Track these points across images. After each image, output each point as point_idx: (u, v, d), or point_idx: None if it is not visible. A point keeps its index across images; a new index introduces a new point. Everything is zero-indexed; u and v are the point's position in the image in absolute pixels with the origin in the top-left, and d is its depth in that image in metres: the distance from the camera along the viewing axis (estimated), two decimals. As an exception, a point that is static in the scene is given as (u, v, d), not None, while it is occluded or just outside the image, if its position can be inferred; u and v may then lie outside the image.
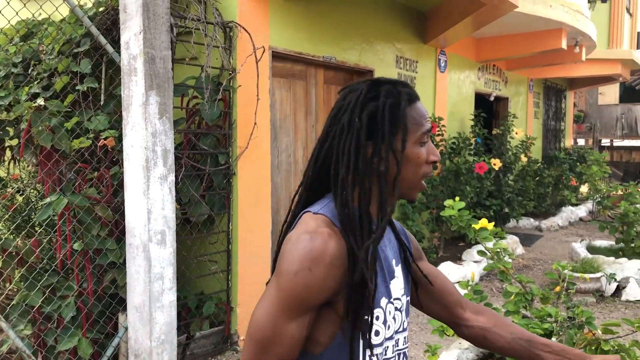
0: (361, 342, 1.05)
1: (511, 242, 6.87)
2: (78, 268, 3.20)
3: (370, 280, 1.02)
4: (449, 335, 2.73)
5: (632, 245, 5.88)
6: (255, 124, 3.89)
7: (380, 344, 1.10)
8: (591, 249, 6.29)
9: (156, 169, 2.90)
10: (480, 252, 2.79)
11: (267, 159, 4.13)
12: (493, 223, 2.82)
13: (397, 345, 1.17)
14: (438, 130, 6.38)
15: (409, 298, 1.23)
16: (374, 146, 1.07)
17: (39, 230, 3.29)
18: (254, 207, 4.01)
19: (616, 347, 2.42)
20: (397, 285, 1.16)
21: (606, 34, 10.66)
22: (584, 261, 5.34)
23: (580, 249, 6.13)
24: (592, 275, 5.02)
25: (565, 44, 7.32)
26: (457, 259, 6.13)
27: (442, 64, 6.89)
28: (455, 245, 6.98)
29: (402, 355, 1.19)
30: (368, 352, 1.06)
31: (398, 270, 1.18)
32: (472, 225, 2.73)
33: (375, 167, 1.07)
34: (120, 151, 3.10)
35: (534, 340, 1.29)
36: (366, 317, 1.03)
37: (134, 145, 2.89)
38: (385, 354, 1.13)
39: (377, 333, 1.08)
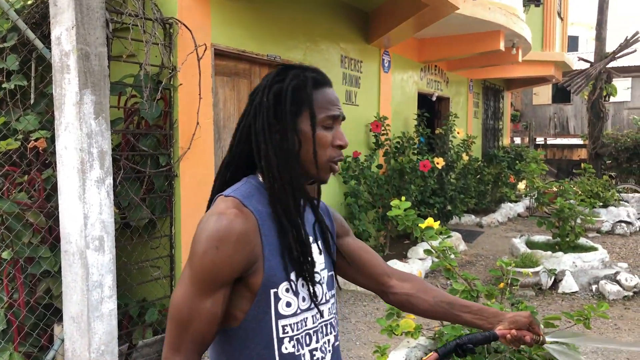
0: (273, 314, 1.12)
1: (454, 239, 7.03)
2: (7, 278, 3.00)
3: (296, 248, 1.12)
4: (397, 335, 2.73)
5: (567, 239, 6.14)
6: (197, 123, 3.78)
7: (294, 314, 1.15)
8: (530, 244, 6.53)
9: (92, 171, 2.75)
10: (427, 251, 2.81)
11: (210, 159, 4.02)
12: (438, 222, 2.85)
13: (322, 317, 1.24)
14: (383, 130, 6.44)
15: (331, 272, 1.30)
16: (279, 125, 1.15)
17: (-37, 239, 3.06)
18: (198, 210, 3.90)
19: (557, 340, 2.49)
20: (314, 259, 1.22)
21: (540, 37, 11.12)
22: (523, 256, 5.53)
23: (519, 244, 6.34)
24: (532, 270, 5.20)
25: (503, 46, 7.57)
26: (403, 256, 6.20)
27: (386, 64, 6.96)
28: (400, 243, 7.07)
29: (329, 326, 1.26)
30: (281, 323, 1.13)
31: (314, 247, 1.24)
32: (419, 225, 2.75)
33: (282, 146, 1.14)
34: (53, 153, 2.93)
35: (455, 303, 1.40)
36: (274, 290, 1.12)
37: (68, 147, 2.73)
38: (305, 324, 1.18)
39: (288, 304, 1.14)
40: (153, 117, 3.46)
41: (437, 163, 6.79)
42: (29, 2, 3.19)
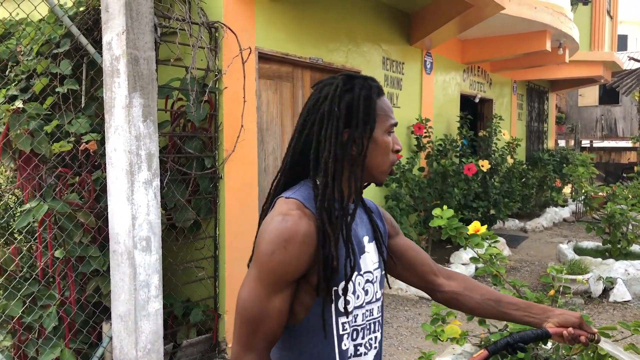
0: (333, 311, 1.17)
1: (498, 244, 6.86)
2: (60, 276, 3.09)
3: (336, 258, 1.14)
4: (442, 341, 2.68)
5: (619, 246, 5.91)
6: (242, 126, 3.81)
7: (350, 312, 1.20)
8: (578, 250, 6.32)
9: (140, 173, 2.81)
10: (473, 259, 2.75)
11: (254, 162, 4.05)
12: (485, 226, 2.78)
13: (372, 315, 1.29)
14: (425, 132, 6.36)
15: (383, 272, 1.34)
16: (349, 133, 1.20)
17: (19, 238, 3.17)
18: (241, 212, 3.93)
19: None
20: (369, 259, 1.29)
21: (588, 36, 10.77)
22: (571, 262, 5.35)
23: (567, 250, 6.14)
24: (584, 277, 5.02)
25: (549, 46, 7.36)
26: (445, 261, 6.10)
27: (428, 66, 6.87)
28: (442, 247, 6.96)
29: (376, 324, 1.31)
30: (341, 320, 1.19)
31: (370, 246, 1.31)
32: (462, 232, 2.68)
33: (349, 152, 1.19)
34: (103, 155, 3.00)
35: (502, 300, 1.42)
36: (335, 288, 1.16)
37: (117, 149, 2.79)
38: (355, 321, 1.23)
39: (347, 302, 1.19)
40: (199, 119, 3.51)
41: (482, 166, 6.66)
42: (82, 9, 3.29)
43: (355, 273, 1.22)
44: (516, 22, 6.61)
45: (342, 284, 1.17)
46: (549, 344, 2.59)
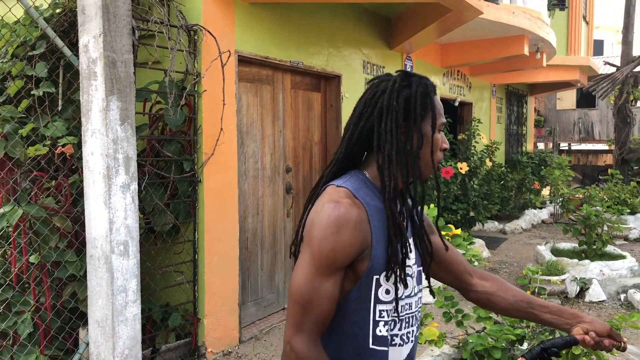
0: (372, 298, 1.21)
1: (477, 245, 6.94)
2: (35, 282, 3.05)
3: (404, 241, 1.21)
4: (420, 343, 2.70)
5: (594, 247, 6.01)
6: (221, 129, 3.80)
7: (390, 302, 1.24)
8: (555, 252, 6.41)
9: (118, 177, 2.78)
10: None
11: (233, 165, 4.04)
12: (460, 229, 2.81)
13: (410, 308, 1.31)
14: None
15: (420, 268, 1.37)
16: (406, 127, 1.25)
17: (-8, 243, 3.11)
18: (221, 215, 3.92)
19: (586, 351, 2.43)
20: (410, 255, 1.30)
21: (565, 41, 10.95)
22: (549, 264, 5.42)
23: (545, 251, 6.23)
24: (559, 278, 5.10)
25: (527, 50, 7.47)
26: (425, 263, 6.14)
27: (408, 69, 6.92)
28: (423, 249, 7.00)
29: (413, 318, 1.33)
30: (378, 307, 1.22)
31: (410, 242, 1.32)
32: (443, 233, 2.72)
33: (404, 146, 1.24)
34: (80, 159, 2.97)
35: (534, 302, 1.46)
36: (376, 276, 1.20)
37: (94, 153, 2.77)
38: (394, 312, 1.26)
39: (387, 292, 1.23)
40: (177, 123, 3.49)
41: (461, 168, 6.72)
42: (58, 11, 3.25)
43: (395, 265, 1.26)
44: (495, 26, 6.70)
45: (384, 274, 1.21)
46: (525, 345, 2.62)
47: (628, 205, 8.32)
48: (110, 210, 2.76)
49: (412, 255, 1.33)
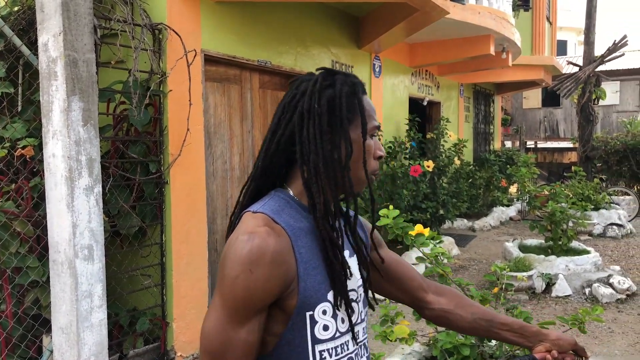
0: (309, 338, 1.04)
1: (447, 243, 7.02)
2: (-6, 289, 2.95)
3: (343, 263, 1.06)
4: (391, 341, 2.70)
5: (560, 243, 6.14)
6: (188, 130, 3.74)
7: (332, 338, 1.07)
8: (523, 248, 6.53)
9: (81, 179, 2.71)
10: (419, 259, 2.79)
11: (201, 166, 3.98)
12: (429, 227, 2.83)
13: (358, 338, 1.15)
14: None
15: (365, 289, 1.21)
16: (331, 133, 1.07)
17: (-51, 249, 3.00)
18: (189, 217, 3.86)
19: None
20: (352, 276, 1.14)
21: (529, 41, 11.18)
22: (516, 260, 5.52)
23: (512, 248, 6.34)
24: (526, 274, 5.19)
25: (493, 50, 7.59)
26: (396, 262, 6.17)
27: (377, 69, 6.96)
28: (393, 248, 7.05)
29: (363, 347, 1.18)
30: (318, 348, 1.05)
31: (352, 261, 1.16)
32: (409, 232, 2.73)
33: (331, 155, 1.06)
34: (41, 161, 2.88)
35: (494, 320, 1.35)
36: (310, 313, 1.03)
37: (56, 155, 2.69)
38: (348, 348, 1.11)
39: (325, 327, 1.06)
40: (142, 123, 3.42)
41: (428, 166, 6.78)
42: (16, 9, 3.16)
43: (333, 293, 1.10)
44: (461, 26, 6.78)
45: (320, 306, 1.04)
46: (493, 341, 2.66)
47: (592, 202, 8.54)
48: (74, 213, 2.69)
49: (359, 275, 1.17)
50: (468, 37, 7.43)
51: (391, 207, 2.74)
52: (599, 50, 10.74)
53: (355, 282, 1.15)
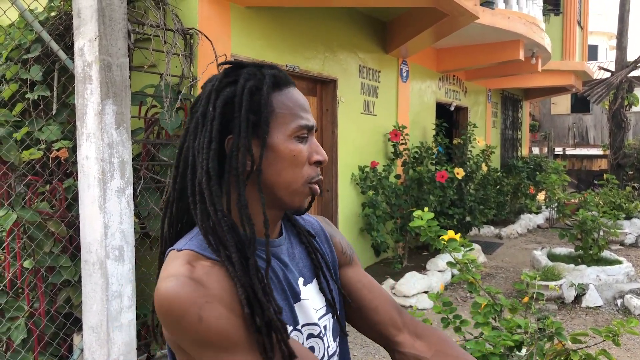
0: None
1: (474, 250, 6.91)
2: (29, 287, 3.02)
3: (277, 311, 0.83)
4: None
5: (590, 252, 6.01)
6: (217, 134, 3.78)
7: None
8: (551, 257, 6.41)
9: (113, 181, 2.76)
10: (450, 264, 2.76)
11: (230, 169, 4.01)
12: (459, 234, 2.80)
13: None
14: (401, 139, 6.40)
15: (334, 317, 1.03)
16: (233, 139, 0.89)
17: (-14, 248, 3.08)
18: (217, 220, 3.89)
19: (584, 357, 2.42)
20: (309, 307, 0.96)
21: (560, 46, 11.00)
22: (545, 269, 5.42)
23: (541, 256, 6.23)
24: (556, 283, 5.09)
25: (523, 55, 7.49)
26: (421, 268, 6.13)
27: (404, 74, 6.93)
28: (419, 254, 7.00)
29: None
30: None
31: (308, 290, 0.98)
32: (441, 237, 2.70)
33: (236, 166, 0.88)
34: (75, 163, 2.94)
35: None
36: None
37: (89, 157, 2.74)
38: None
39: None
40: (173, 127, 3.47)
41: (457, 173, 6.72)
42: (53, 14, 3.23)
43: (290, 328, 0.91)
44: (490, 31, 6.71)
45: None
46: (523, 351, 2.61)
47: (624, 210, 8.34)
48: (105, 214, 2.73)
49: (319, 303, 0.99)
50: (497, 42, 7.36)
51: (426, 209, 2.72)
52: (631, 55, 10.52)
53: (314, 313, 0.97)
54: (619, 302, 5.25)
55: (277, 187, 0.91)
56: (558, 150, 18.84)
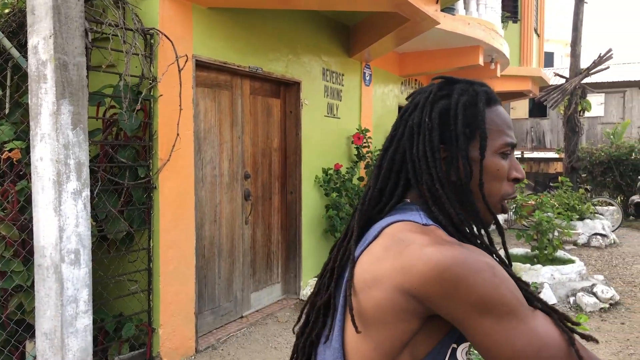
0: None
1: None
2: (-22, 293, 2.91)
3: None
4: None
5: (546, 252, 6.19)
6: (177, 135, 3.73)
7: None
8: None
9: (69, 183, 2.69)
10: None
11: (190, 171, 3.97)
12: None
13: None
14: (364, 142, 6.46)
15: None
16: (447, 151, 0.95)
17: None
18: (177, 223, 3.84)
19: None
20: None
21: (518, 53, 11.31)
22: (503, 269, 5.54)
23: (498, 256, 6.36)
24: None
25: (482, 61, 7.66)
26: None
27: (367, 78, 6.99)
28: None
29: None
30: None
31: None
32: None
33: (447, 176, 0.93)
34: (28, 164, 2.86)
35: None
36: (454, 345, 0.89)
37: (44, 158, 2.67)
38: None
39: None
40: (132, 128, 3.41)
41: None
42: (6, 11, 3.13)
43: None
44: (451, 37, 6.84)
45: (465, 345, 0.89)
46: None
47: (577, 212, 8.63)
48: (61, 217, 2.67)
49: None
50: (457, 47, 7.50)
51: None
52: (585, 63, 10.90)
53: None
54: (571, 299, 5.43)
55: (477, 199, 0.95)
56: (517, 153, 19.34)
